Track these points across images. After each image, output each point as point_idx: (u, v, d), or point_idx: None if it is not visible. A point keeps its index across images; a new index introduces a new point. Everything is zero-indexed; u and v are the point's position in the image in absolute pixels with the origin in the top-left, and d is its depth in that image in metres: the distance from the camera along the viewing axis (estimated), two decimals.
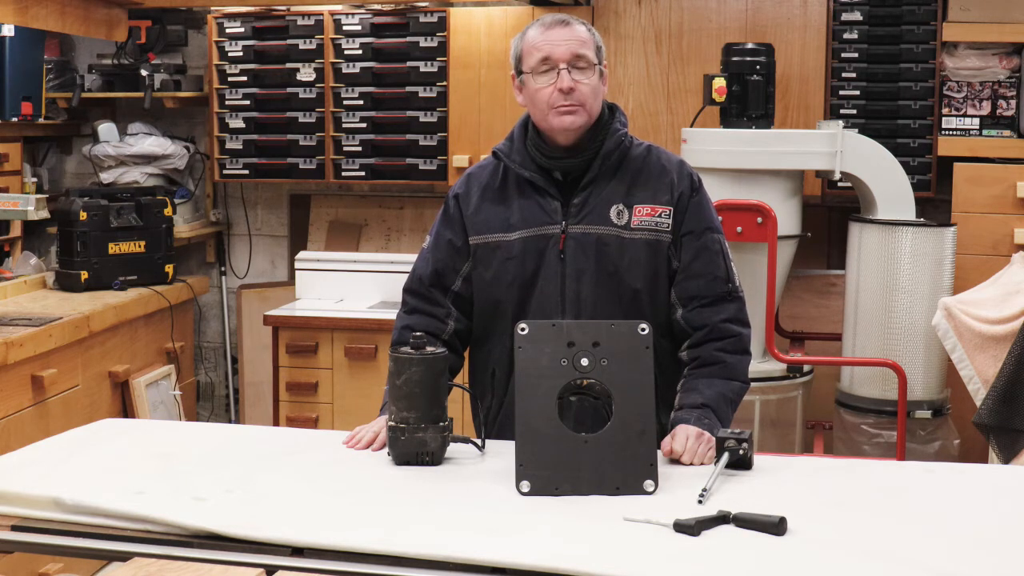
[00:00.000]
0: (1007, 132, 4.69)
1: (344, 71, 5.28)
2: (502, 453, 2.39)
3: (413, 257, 5.01)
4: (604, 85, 2.63)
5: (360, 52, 5.27)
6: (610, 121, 2.64)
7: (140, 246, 5.08)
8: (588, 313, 2.58)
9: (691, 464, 2.39)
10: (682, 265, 2.62)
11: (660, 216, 2.60)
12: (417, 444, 2.36)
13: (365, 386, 4.75)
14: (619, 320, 2.45)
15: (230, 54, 5.40)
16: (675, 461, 2.40)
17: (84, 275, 4.89)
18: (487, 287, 2.66)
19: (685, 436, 2.42)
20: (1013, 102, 4.68)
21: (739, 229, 4.18)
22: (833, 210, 5.08)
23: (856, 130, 4.57)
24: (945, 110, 4.75)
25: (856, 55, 4.83)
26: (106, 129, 5.46)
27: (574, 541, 1.95)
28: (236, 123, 5.41)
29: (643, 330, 2.31)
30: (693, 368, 2.62)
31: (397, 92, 5.24)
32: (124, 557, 1.96)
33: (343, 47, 5.28)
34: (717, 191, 4.34)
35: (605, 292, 2.59)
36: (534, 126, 2.65)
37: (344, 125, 5.30)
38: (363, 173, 5.30)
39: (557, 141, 2.61)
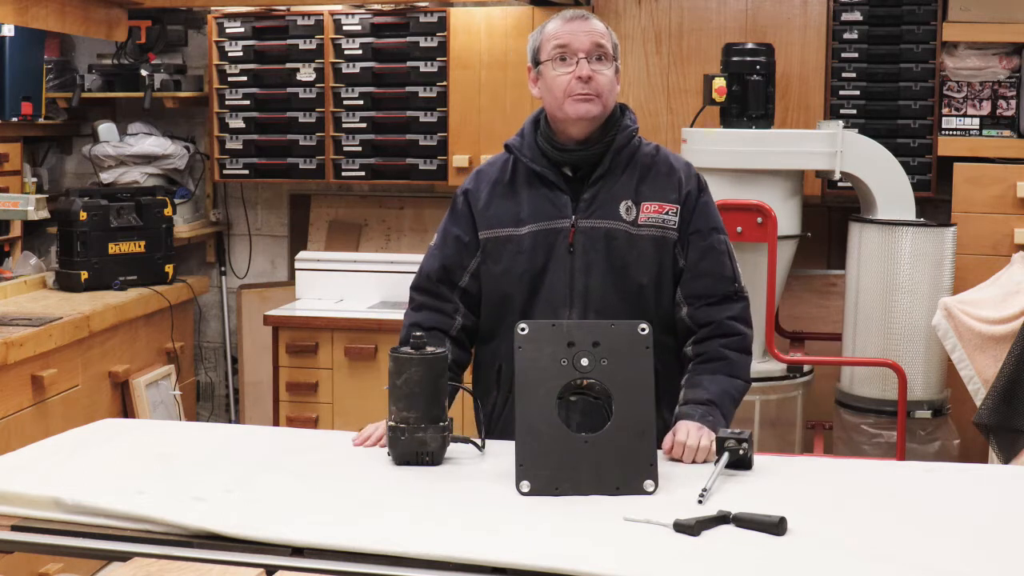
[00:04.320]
0: (1007, 132, 4.69)
1: (344, 71, 5.28)
2: (502, 453, 2.39)
3: (413, 257, 5.07)
4: (618, 82, 2.65)
5: (360, 52, 5.26)
6: (621, 118, 2.68)
7: (140, 246, 5.08)
8: (595, 307, 2.59)
9: (692, 462, 2.40)
10: (689, 264, 2.64)
11: (667, 214, 2.63)
12: (417, 444, 2.36)
13: (365, 386, 4.74)
14: (620, 320, 2.45)
15: (230, 54, 5.40)
16: (675, 460, 2.41)
17: (84, 275, 4.89)
18: (496, 281, 2.68)
19: (686, 431, 2.44)
20: (1013, 102, 4.68)
21: (739, 229, 4.18)
22: (833, 210, 5.08)
23: (856, 130, 4.57)
24: (945, 110, 4.75)
25: (856, 55, 4.83)
26: (106, 129, 5.46)
27: (574, 541, 1.96)
28: (236, 123, 5.41)
29: (643, 330, 2.32)
30: (698, 363, 2.63)
31: (397, 92, 5.24)
32: (124, 557, 1.96)
33: (343, 47, 5.28)
34: (717, 191, 4.30)
35: (612, 286, 2.61)
36: (546, 120, 2.67)
37: (344, 125, 5.30)
38: (363, 173, 5.30)
39: (570, 133, 2.63)
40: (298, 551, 1.95)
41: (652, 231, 2.62)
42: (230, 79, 5.40)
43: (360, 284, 5.07)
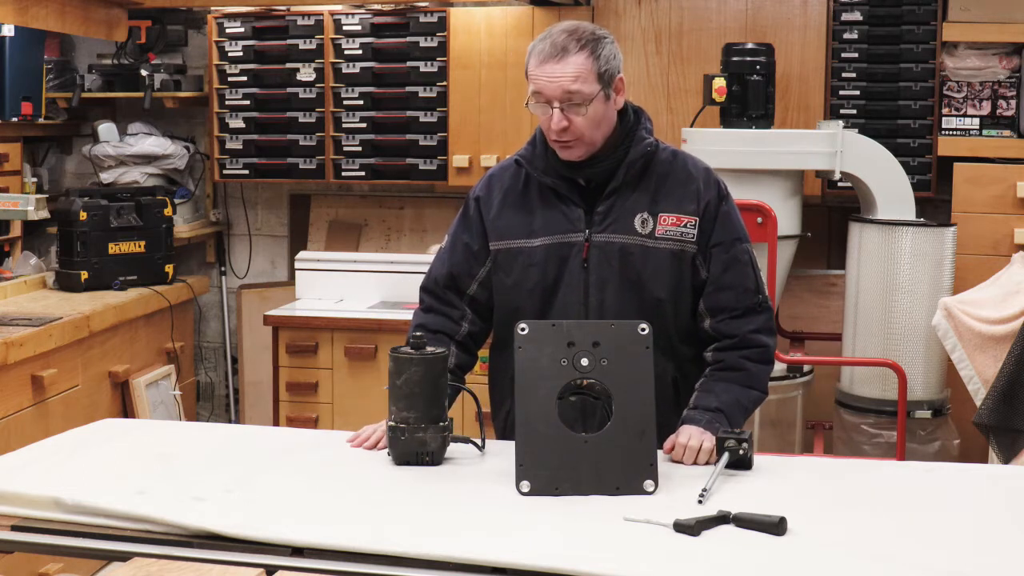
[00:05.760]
0: (1007, 132, 4.69)
1: (344, 71, 5.28)
2: (502, 453, 2.39)
3: (413, 257, 5.08)
4: (618, 99, 2.54)
5: (360, 52, 5.26)
6: (635, 127, 2.58)
7: (140, 246, 5.08)
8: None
9: (693, 463, 2.40)
10: (711, 277, 2.59)
11: (685, 226, 2.56)
12: (417, 444, 2.36)
13: (365, 386, 4.74)
14: (619, 320, 2.44)
15: (230, 54, 5.40)
16: (676, 461, 2.41)
17: (84, 275, 4.89)
18: (507, 292, 2.64)
19: (688, 435, 2.44)
20: (1013, 102, 4.68)
21: None
22: (833, 210, 5.08)
23: (856, 130, 4.57)
24: (945, 110, 4.75)
25: (856, 55, 4.83)
26: (106, 129, 5.46)
27: (574, 541, 1.96)
28: (236, 123, 5.41)
29: (643, 330, 2.31)
30: (715, 370, 2.60)
31: (397, 92, 5.24)
32: (124, 557, 1.96)
33: (343, 47, 5.28)
34: None
35: (628, 301, 2.56)
36: None
37: (344, 125, 5.30)
38: (363, 173, 5.30)
39: None
40: (298, 551, 1.95)
41: (670, 244, 2.56)
42: (230, 79, 5.40)
43: (360, 284, 5.07)
